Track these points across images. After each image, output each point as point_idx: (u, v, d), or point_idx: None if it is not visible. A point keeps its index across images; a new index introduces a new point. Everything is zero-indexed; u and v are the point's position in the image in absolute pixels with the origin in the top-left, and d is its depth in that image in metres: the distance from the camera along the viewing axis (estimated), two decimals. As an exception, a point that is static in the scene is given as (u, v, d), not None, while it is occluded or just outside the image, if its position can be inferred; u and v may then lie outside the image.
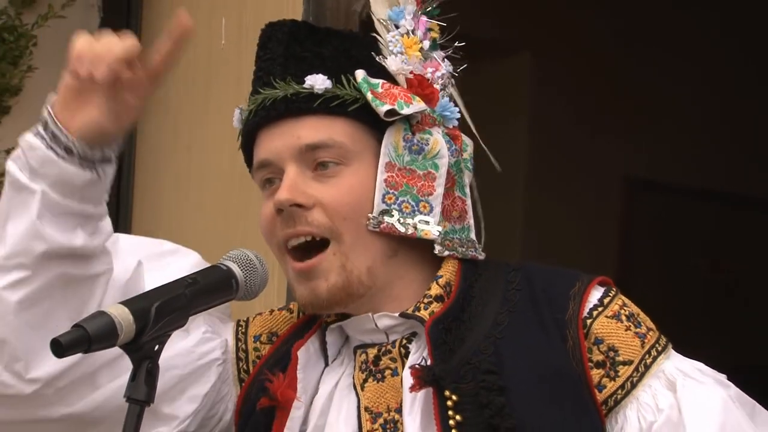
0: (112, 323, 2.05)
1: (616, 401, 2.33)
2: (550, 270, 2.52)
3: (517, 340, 2.36)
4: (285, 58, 2.42)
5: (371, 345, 2.39)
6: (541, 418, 2.29)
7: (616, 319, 2.38)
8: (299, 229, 2.34)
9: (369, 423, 2.34)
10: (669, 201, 6.59)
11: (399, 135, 2.42)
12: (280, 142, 2.37)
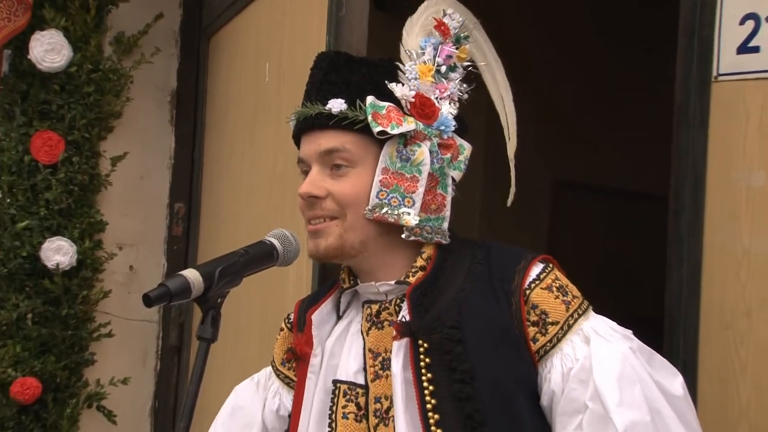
0: (187, 283, 2.11)
1: (545, 351, 2.39)
2: (505, 248, 2.58)
3: (474, 303, 2.40)
4: (321, 83, 2.50)
5: (375, 302, 2.42)
6: (489, 363, 2.35)
7: (548, 290, 2.43)
8: (315, 212, 2.42)
9: (371, 360, 2.38)
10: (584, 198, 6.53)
11: (393, 147, 2.48)
12: (309, 147, 2.46)
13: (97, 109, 3.95)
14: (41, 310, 4.08)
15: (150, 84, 4.01)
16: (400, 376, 2.31)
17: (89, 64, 3.89)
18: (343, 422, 2.35)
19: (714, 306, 3.03)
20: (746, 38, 2.99)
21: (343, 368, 2.40)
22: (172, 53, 4.26)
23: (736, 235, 3.00)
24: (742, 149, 3.00)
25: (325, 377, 2.42)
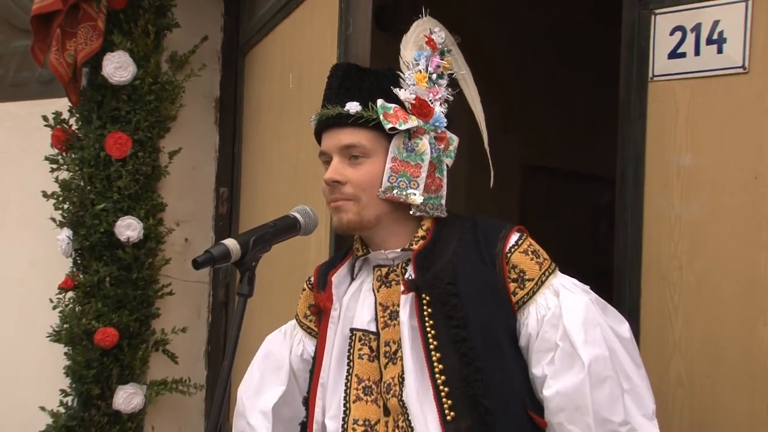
0: (227, 250, 2.12)
1: (523, 302, 2.40)
2: (488, 221, 2.56)
3: (466, 265, 2.40)
4: (338, 89, 2.48)
5: (384, 266, 2.42)
6: (479, 312, 2.34)
7: (525, 254, 2.44)
8: (336, 195, 2.40)
9: (381, 312, 2.38)
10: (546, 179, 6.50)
11: (400, 140, 2.48)
12: (330, 142, 2.45)
13: (156, 114, 3.95)
14: (116, 275, 4.07)
15: (198, 93, 3.99)
16: (407, 324, 2.31)
17: (150, 78, 3.88)
18: (359, 362, 2.34)
19: (652, 261, 3.04)
20: (675, 46, 2.99)
21: (358, 319, 2.39)
22: (216, 68, 4.24)
23: (669, 204, 3.01)
24: (673, 136, 3.00)
25: (342, 326, 2.41)
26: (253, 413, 2.56)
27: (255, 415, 2.55)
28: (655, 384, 2.93)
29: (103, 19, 3.77)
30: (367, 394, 2.30)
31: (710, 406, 2.89)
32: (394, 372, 2.30)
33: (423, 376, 2.28)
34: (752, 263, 2.83)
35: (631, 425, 2.32)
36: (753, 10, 2.83)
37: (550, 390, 2.30)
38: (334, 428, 2.32)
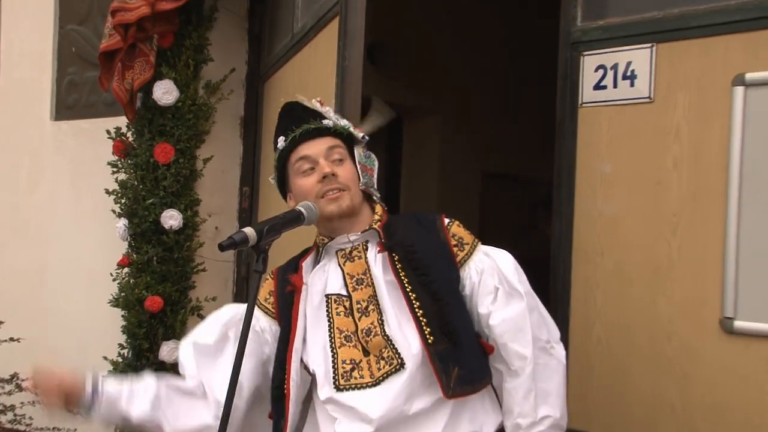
0: (246, 236, 2.09)
1: (464, 260, 2.37)
2: (420, 212, 2.54)
3: (417, 236, 2.37)
4: (302, 114, 2.44)
5: (345, 248, 2.38)
6: (436, 267, 2.31)
7: (459, 227, 2.42)
8: (332, 185, 2.32)
9: (349, 279, 2.32)
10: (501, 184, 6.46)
11: (360, 150, 2.48)
12: (315, 147, 2.36)
13: (194, 129, 3.95)
14: (161, 255, 4.07)
15: (227, 113, 3.99)
16: (382, 279, 2.29)
17: (189, 101, 3.88)
18: (337, 317, 2.29)
19: (580, 247, 3.04)
20: (598, 80, 3.00)
21: (330, 287, 2.34)
22: (241, 93, 4.24)
23: (593, 203, 3.02)
24: (598, 149, 3.01)
25: (311, 298, 2.35)
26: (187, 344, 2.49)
27: (187, 346, 2.48)
28: (581, 343, 2.99)
29: (154, 55, 3.78)
30: (348, 341, 2.26)
31: (622, 359, 2.92)
32: (368, 321, 2.26)
33: (403, 314, 2.25)
34: (655, 251, 2.86)
35: (551, 343, 2.35)
36: (656, 55, 2.87)
37: (496, 319, 2.30)
38: (322, 372, 2.26)
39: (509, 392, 2.29)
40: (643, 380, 2.84)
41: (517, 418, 2.26)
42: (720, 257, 2.71)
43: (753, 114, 2.67)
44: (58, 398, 2.26)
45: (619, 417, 2.89)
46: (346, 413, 2.20)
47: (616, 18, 2.99)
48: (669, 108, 2.84)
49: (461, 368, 2.21)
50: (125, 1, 3.66)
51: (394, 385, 2.19)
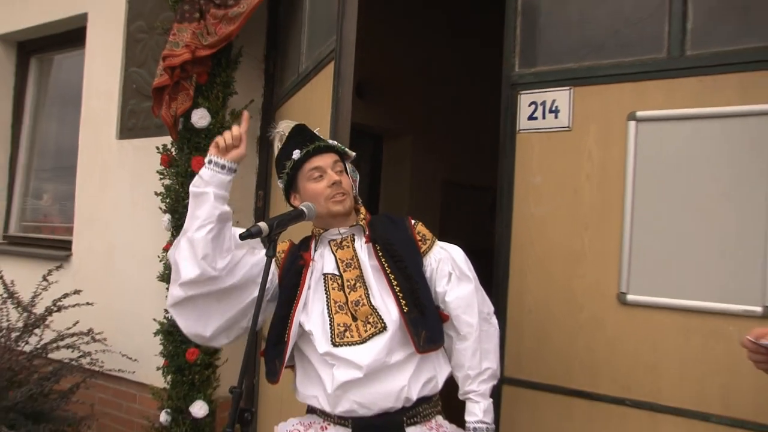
0: (260, 229, 2.09)
1: (426, 252, 2.37)
2: (390, 214, 2.53)
3: (393, 233, 2.36)
4: (312, 136, 2.40)
5: (336, 239, 2.35)
6: (407, 255, 2.32)
7: (423, 226, 2.41)
8: (339, 190, 2.29)
9: (341, 263, 2.32)
10: (458, 192, 6.42)
11: (349, 164, 2.44)
12: (326, 160, 2.32)
13: (222, 146, 3.94)
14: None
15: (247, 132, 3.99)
16: (368, 263, 2.30)
17: (219, 124, 3.85)
18: (333, 291, 2.28)
19: (517, 241, 3.05)
20: (531, 113, 3.02)
21: (326, 268, 2.32)
22: (258, 118, 4.23)
23: (527, 207, 3.04)
24: (530, 166, 3.03)
25: (316, 273, 2.33)
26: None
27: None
28: (515, 313, 3.01)
29: (193, 89, 3.79)
30: (341, 309, 2.26)
31: (546, 325, 2.94)
32: (356, 294, 2.27)
33: (384, 290, 2.27)
34: (572, 243, 2.89)
35: (490, 315, 2.40)
36: (573, 95, 2.90)
37: (450, 296, 2.33)
38: (320, 332, 2.25)
39: (460, 351, 2.34)
40: (561, 341, 2.87)
41: (468, 371, 2.32)
42: (618, 248, 2.75)
43: (642, 141, 2.73)
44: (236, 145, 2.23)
45: (543, 368, 2.92)
46: (340, 362, 2.22)
47: (544, 67, 3.01)
48: (583, 135, 2.87)
49: (428, 331, 2.26)
50: (173, 50, 3.69)
51: (378, 342, 2.22)
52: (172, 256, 2.25)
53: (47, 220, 5.73)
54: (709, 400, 2.54)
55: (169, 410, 3.79)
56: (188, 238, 2.18)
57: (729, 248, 2.52)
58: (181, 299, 2.24)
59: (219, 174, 2.21)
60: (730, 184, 2.54)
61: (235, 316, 2.31)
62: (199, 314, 2.28)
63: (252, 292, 2.27)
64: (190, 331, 2.30)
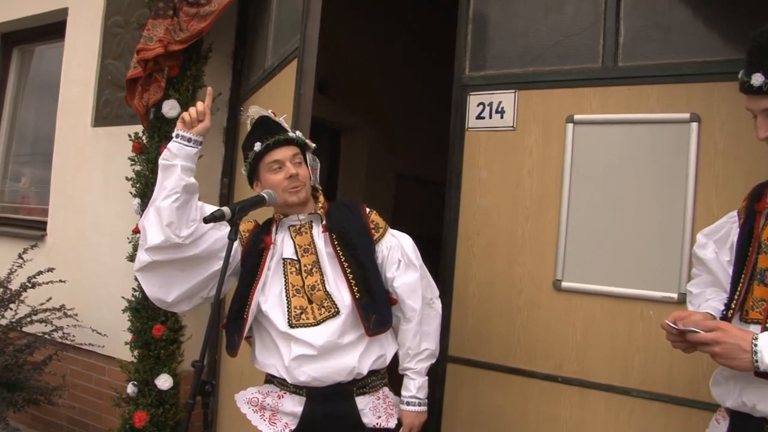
0: (223, 213, 2.07)
1: (379, 239, 2.35)
2: (348, 201, 2.51)
3: (349, 221, 2.35)
4: (276, 127, 2.35)
5: (296, 225, 2.33)
6: (361, 243, 2.31)
7: (377, 215, 2.39)
8: (297, 183, 2.27)
9: (299, 248, 2.30)
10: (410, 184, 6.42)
11: (309, 154, 2.41)
12: (284, 153, 2.29)
13: (191, 135, 3.87)
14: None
15: (214, 124, 3.83)
16: (324, 250, 2.29)
17: (188, 115, 3.78)
18: (291, 275, 2.27)
19: (463, 229, 3.08)
20: (479, 112, 3.06)
21: (285, 253, 2.30)
22: (225, 110, 4.16)
23: (474, 199, 3.07)
24: (477, 161, 3.06)
25: (276, 257, 2.30)
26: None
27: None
28: (460, 296, 3.03)
29: (164, 81, 3.72)
30: (298, 293, 2.25)
31: (488, 308, 2.97)
32: (313, 279, 2.26)
33: (338, 276, 2.27)
34: (514, 233, 2.93)
35: (433, 299, 2.40)
36: (518, 98, 2.94)
37: (398, 282, 2.33)
38: (279, 313, 2.25)
39: (403, 332, 2.37)
40: (501, 322, 2.91)
41: (408, 350, 2.36)
42: (555, 239, 2.80)
43: (578, 142, 2.78)
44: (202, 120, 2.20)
45: (485, 348, 2.96)
46: (297, 342, 2.22)
47: (492, 71, 3.04)
48: (525, 135, 2.91)
49: (378, 315, 2.28)
50: (146, 44, 3.63)
51: (331, 325, 2.23)
52: (141, 223, 2.23)
53: (25, 201, 5.61)
54: (631, 377, 2.61)
55: (136, 382, 3.75)
56: (156, 206, 2.17)
57: (652, 241, 2.59)
58: (146, 264, 2.22)
59: (186, 147, 2.19)
60: (655, 183, 2.60)
61: (196, 285, 2.29)
62: (163, 281, 2.26)
63: (214, 265, 2.26)
64: (154, 295, 2.29)
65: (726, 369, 1.72)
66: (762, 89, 1.63)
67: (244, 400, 2.35)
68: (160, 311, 3.73)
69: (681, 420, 2.49)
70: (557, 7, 2.90)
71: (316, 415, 2.25)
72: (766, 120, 1.67)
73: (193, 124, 2.21)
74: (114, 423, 4.03)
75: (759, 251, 1.72)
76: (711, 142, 2.50)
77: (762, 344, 1.57)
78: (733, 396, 1.72)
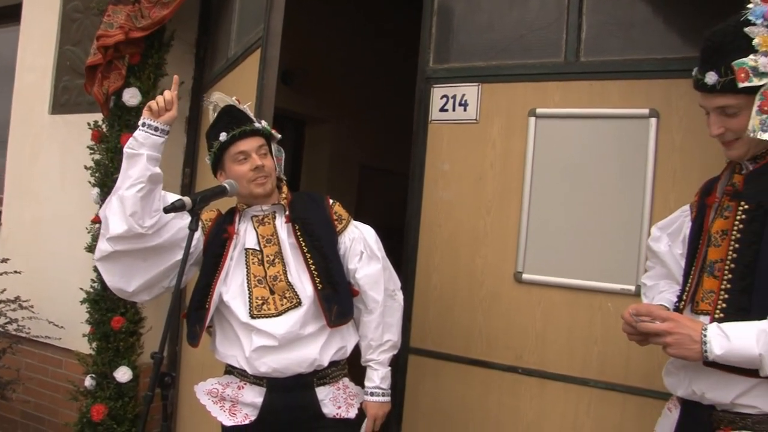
0: (183, 203, 2.06)
1: (342, 231, 2.37)
2: (312, 193, 2.52)
3: (312, 212, 2.36)
4: (242, 117, 2.34)
5: (259, 215, 2.33)
6: (324, 234, 2.33)
7: (340, 207, 2.41)
8: (262, 175, 2.27)
9: (261, 239, 2.30)
10: (373, 175, 6.42)
11: (274, 145, 2.42)
12: (250, 144, 2.28)
13: (152, 124, 3.82)
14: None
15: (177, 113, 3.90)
16: (287, 241, 2.30)
17: (149, 103, 3.76)
18: (253, 266, 2.27)
19: (426, 222, 3.10)
20: (443, 105, 3.08)
21: (248, 243, 2.30)
22: (187, 99, 4.11)
23: (436, 191, 3.09)
24: (440, 153, 3.08)
25: (239, 247, 2.31)
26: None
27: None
28: (423, 288, 3.06)
29: (125, 69, 3.69)
30: (260, 284, 2.26)
31: (450, 299, 3.00)
32: (275, 270, 2.27)
33: (301, 267, 2.28)
34: (476, 225, 2.96)
35: (395, 291, 2.43)
36: (481, 91, 2.97)
37: (360, 274, 2.36)
38: (240, 303, 2.25)
39: (365, 323, 2.39)
40: (463, 314, 2.96)
41: (370, 341, 2.39)
42: (516, 231, 2.84)
43: (540, 135, 2.82)
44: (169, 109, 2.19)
45: (446, 339, 2.99)
46: (258, 332, 2.24)
47: (456, 64, 3.07)
48: (488, 127, 2.95)
49: (339, 306, 2.30)
50: (107, 30, 3.60)
51: (293, 316, 2.24)
52: (103, 212, 2.21)
53: (-23, 190, 5.52)
54: (589, 367, 2.67)
55: (94, 375, 3.73)
56: (119, 195, 2.16)
57: (612, 234, 2.65)
58: (108, 253, 2.20)
59: (152, 136, 2.18)
60: (615, 177, 2.66)
61: (158, 275, 2.28)
62: (124, 270, 2.24)
63: (176, 255, 2.25)
64: (114, 285, 2.27)
65: (678, 359, 1.78)
66: (715, 87, 1.67)
67: (203, 391, 2.36)
68: (119, 302, 3.71)
69: (636, 409, 2.56)
70: (521, 2, 2.94)
71: (277, 406, 2.27)
72: (718, 117, 1.72)
73: (161, 113, 2.19)
74: (71, 417, 3.99)
75: (709, 244, 1.78)
76: (669, 138, 2.57)
77: (711, 335, 1.62)
78: (684, 385, 1.78)
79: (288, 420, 2.28)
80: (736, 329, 1.61)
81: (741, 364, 1.60)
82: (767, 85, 1.61)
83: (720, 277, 1.71)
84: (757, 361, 1.57)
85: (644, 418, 2.51)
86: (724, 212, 1.77)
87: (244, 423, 2.28)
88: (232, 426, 2.29)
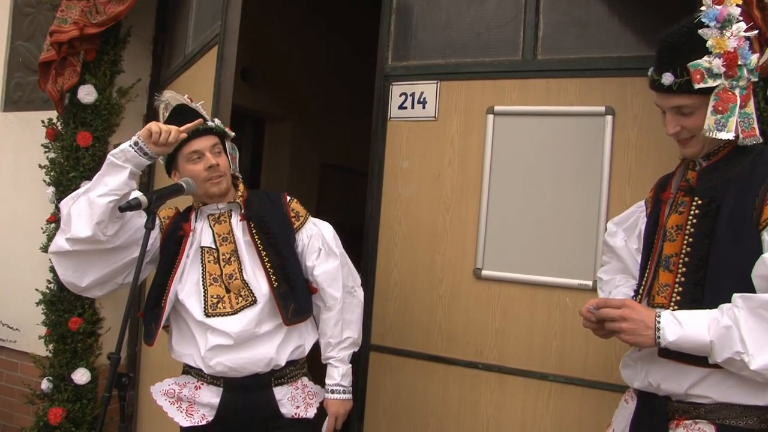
0: (140, 201, 2.03)
1: (299, 228, 2.37)
2: (269, 191, 2.53)
3: (269, 209, 2.35)
4: (195, 114, 2.32)
5: (215, 213, 2.31)
6: (280, 232, 2.31)
7: (297, 204, 2.41)
8: (216, 174, 2.25)
9: (218, 237, 2.28)
10: (334, 173, 6.42)
11: (228, 143, 2.40)
12: (204, 143, 2.26)
13: (108, 122, 3.71)
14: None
15: (133, 111, 3.82)
16: (242, 239, 2.28)
17: (105, 101, 3.69)
18: (209, 264, 2.25)
19: (386, 219, 3.10)
20: (401, 102, 3.08)
21: (203, 241, 2.28)
22: (145, 97, 4.05)
23: (396, 188, 3.09)
24: (399, 150, 3.08)
25: (195, 245, 2.29)
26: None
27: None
28: (382, 285, 3.06)
29: (80, 65, 3.61)
30: (215, 282, 2.24)
31: (410, 296, 3.01)
32: (230, 268, 2.25)
33: (256, 265, 2.26)
34: (435, 222, 2.97)
35: (355, 288, 2.43)
36: (439, 89, 2.98)
37: (318, 271, 2.35)
38: (195, 302, 2.24)
39: (325, 321, 2.39)
40: (423, 310, 2.96)
41: (330, 339, 2.38)
42: (475, 228, 2.86)
43: (498, 133, 2.84)
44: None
45: (407, 336, 3.00)
46: (213, 331, 2.22)
47: (414, 62, 3.07)
48: (447, 125, 2.96)
49: (296, 304, 2.29)
50: (60, 26, 3.51)
51: (248, 314, 2.23)
52: (67, 206, 2.15)
53: (-73, 189, 5.35)
54: (548, 362, 2.70)
55: (51, 378, 3.65)
56: (90, 198, 2.10)
57: (569, 230, 2.68)
58: (64, 251, 2.15)
59: (141, 158, 2.12)
60: (572, 174, 2.69)
61: (112, 271, 2.24)
62: (78, 266, 2.20)
63: (132, 252, 2.22)
64: (67, 279, 2.22)
65: (634, 351, 1.82)
66: (672, 88, 1.70)
67: (160, 392, 2.33)
68: (76, 303, 3.64)
69: (595, 401, 2.59)
70: (479, 0, 2.95)
71: (234, 406, 2.25)
72: (674, 116, 1.75)
73: (157, 144, 2.12)
74: (27, 421, 3.90)
75: (664, 239, 1.81)
76: (624, 135, 2.60)
77: (664, 321, 1.65)
78: (641, 377, 1.81)
79: (246, 420, 2.26)
80: (688, 316, 1.64)
81: (693, 351, 1.63)
82: (721, 85, 1.66)
83: (675, 271, 1.74)
84: (707, 348, 1.60)
85: (602, 411, 2.55)
86: (679, 207, 1.80)
87: (201, 423, 2.26)
88: (189, 426, 2.26)
